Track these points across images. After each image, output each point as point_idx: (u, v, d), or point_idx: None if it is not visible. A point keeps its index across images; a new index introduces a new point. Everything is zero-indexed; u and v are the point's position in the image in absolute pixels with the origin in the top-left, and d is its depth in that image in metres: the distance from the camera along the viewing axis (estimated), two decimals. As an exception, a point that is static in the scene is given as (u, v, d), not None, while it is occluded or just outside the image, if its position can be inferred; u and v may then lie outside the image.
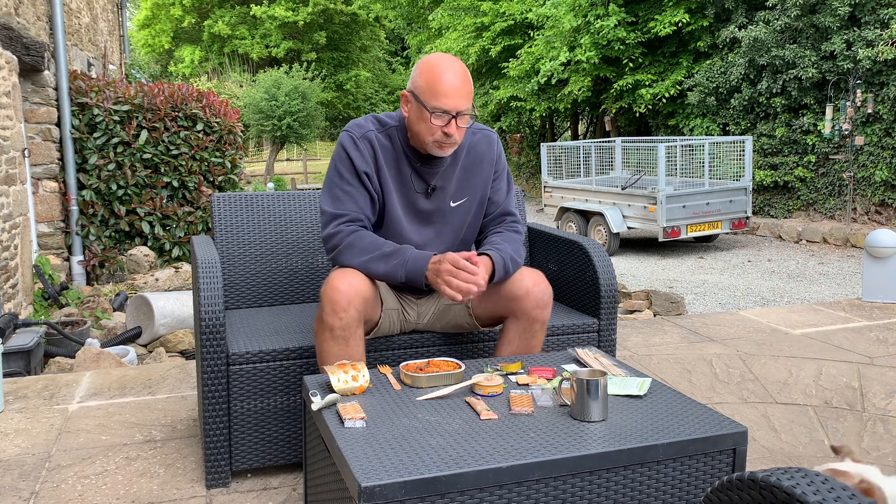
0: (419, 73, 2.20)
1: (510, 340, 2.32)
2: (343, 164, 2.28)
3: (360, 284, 2.15)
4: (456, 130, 2.19)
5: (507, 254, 2.29)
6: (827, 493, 0.90)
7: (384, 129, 2.32)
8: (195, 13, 29.92)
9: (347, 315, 2.11)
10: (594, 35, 13.37)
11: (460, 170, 2.37)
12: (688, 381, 3.33)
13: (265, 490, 2.35)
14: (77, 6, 9.11)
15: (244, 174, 8.56)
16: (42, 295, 6.21)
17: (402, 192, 2.32)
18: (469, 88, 2.20)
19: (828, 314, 4.43)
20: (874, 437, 2.79)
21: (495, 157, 2.44)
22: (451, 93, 2.15)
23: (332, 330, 2.11)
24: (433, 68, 2.18)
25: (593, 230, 10.69)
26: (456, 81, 2.16)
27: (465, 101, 2.18)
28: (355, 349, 2.15)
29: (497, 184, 2.46)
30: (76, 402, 3.14)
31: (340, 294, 2.10)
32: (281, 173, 23.82)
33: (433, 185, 2.32)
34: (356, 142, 2.28)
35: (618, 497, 1.64)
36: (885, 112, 10.27)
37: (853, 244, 10.27)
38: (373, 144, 2.29)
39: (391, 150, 2.30)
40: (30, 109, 6.70)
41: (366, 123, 2.33)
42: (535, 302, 2.25)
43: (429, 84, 2.17)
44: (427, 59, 2.22)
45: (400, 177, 2.31)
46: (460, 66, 2.21)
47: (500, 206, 2.47)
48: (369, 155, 2.28)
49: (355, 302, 2.11)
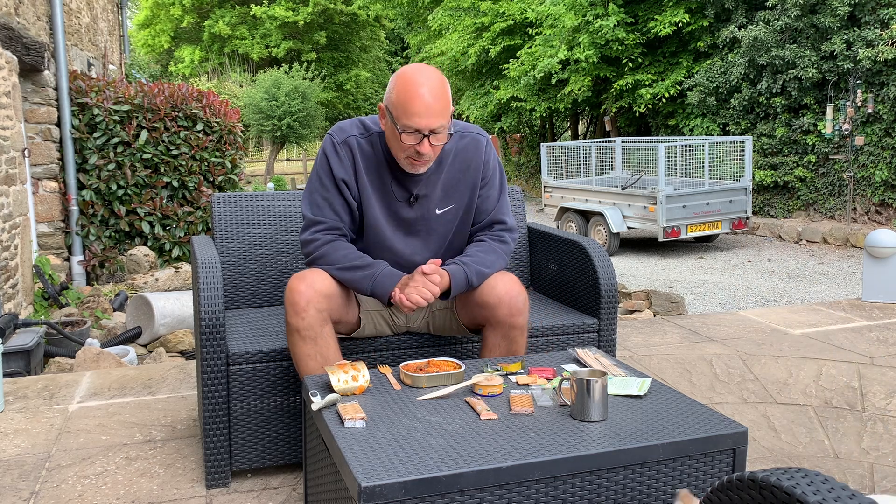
0: (393, 87, 2.13)
1: (490, 348, 2.31)
2: (322, 170, 2.26)
3: (321, 283, 2.15)
4: (429, 149, 2.12)
5: (473, 267, 2.24)
6: (827, 493, 0.90)
7: (367, 135, 2.27)
8: (195, 13, 29.93)
9: (308, 315, 2.11)
10: (593, 35, 13.37)
11: (446, 176, 2.30)
12: (688, 381, 3.33)
13: (265, 490, 2.35)
14: (77, 6, 9.11)
15: (244, 174, 8.56)
16: (42, 295, 6.21)
17: (383, 201, 2.27)
18: (444, 104, 2.10)
19: (828, 314, 4.43)
20: (874, 437, 2.79)
21: (482, 163, 2.34)
22: (424, 112, 2.07)
23: (298, 331, 2.13)
24: (406, 84, 2.09)
25: (593, 230, 10.69)
26: (429, 98, 2.07)
27: (439, 119, 2.09)
28: (325, 347, 2.15)
29: (485, 191, 2.36)
30: (76, 402, 3.14)
31: (299, 294, 2.12)
32: (281, 173, 23.81)
33: (416, 193, 2.27)
34: (336, 147, 2.25)
35: (618, 497, 1.64)
36: (885, 112, 10.27)
37: (853, 244, 10.27)
38: (353, 150, 2.25)
39: (372, 156, 2.25)
40: (30, 109, 6.70)
41: (349, 128, 2.28)
42: (508, 309, 2.23)
43: (401, 101, 2.09)
44: (403, 72, 2.14)
45: (381, 184, 2.26)
46: (437, 80, 2.12)
47: (488, 215, 2.38)
48: (349, 161, 2.24)
49: (314, 300, 2.12)
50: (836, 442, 2.77)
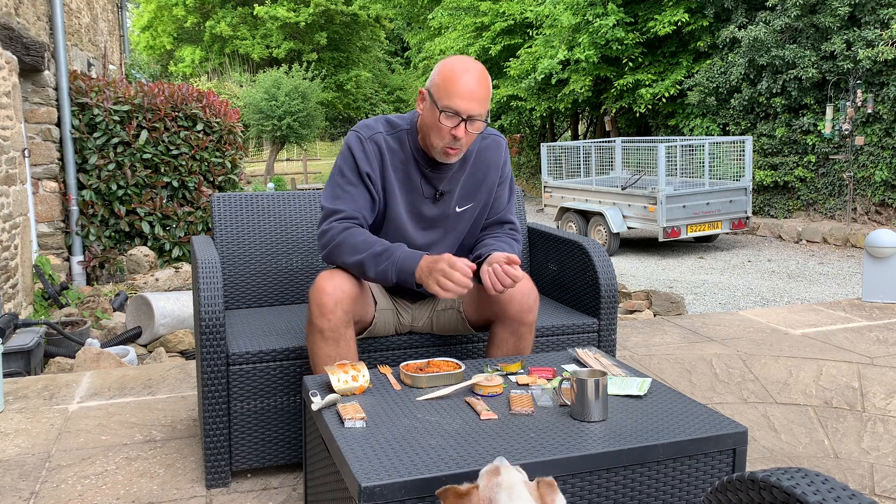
0: (438, 70, 2.16)
1: (498, 344, 2.31)
2: (347, 164, 2.25)
3: (347, 285, 2.14)
4: (465, 134, 2.13)
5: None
6: (827, 493, 0.90)
7: (394, 132, 2.27)
8: (197, 14, 29.94)
9: (335, 316, 2.10)
10: (593, 34, 13.37)
11: (468, 175, 2.33)
12: (688, 381, 3.33)
13: (265, 490, 2.35)
14: (77, 6, 9.11)
15: (244, 174, 8.56)
16: (42, 295, 6.21)
17: (408, 197, 2.28)
18: (486, 94, 2.14)
19: (828, 314, 4.43)
20: (874, 437, 2.79)
21: (502, 164, 2.39)
22: (466, 95, 2.09)
23: (322, 332, 2.12)
24: (453, 67, 2.13)
25: (593, 230, 10.69)
26: (472, 83, 2.10)
27: (479, 106, 2.12)
28: (346, 349, 2.15)
29: (499, 190, 2.41)
30: (76, 402, 3.14)
31: (327, 296, 2.10)
32: (281, 173, 23.82)
33: (441, 189, 2.29)
34: (363, 143, 2.24)
35: (618, 497, 1.64)
36: (885, 112, 10.27)
37: (853, 244, 10.27)
38: (380, 147, 2.24)
39: (400, 153, 2.26)
40: (30, 109, 6.70)
41: (375, 125, 2.28)
42: (520, 306, 2.24)
43: (444, 83, 2.11)
44: (449, 58, 2.19)
45: (408, 181, 2.27)
46: (482, 70, 2.15)
47: (498, 214, 2.42)
48: (375, 157, 2.24)
49: (342, 303, 2.11)
50: (836, 442, 2.77)
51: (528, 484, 1.33)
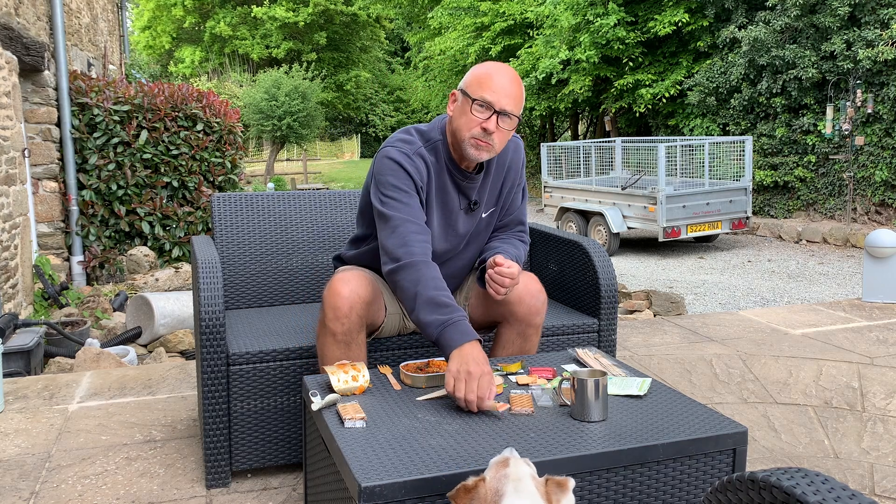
0: (472, 71, 2.17)
1: (504, 345, 2.32)
2: (397, 177, 2.13)
3: (363, 289, 2.13)
4: (496, 129, 2.10)
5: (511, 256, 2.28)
6: (827, 493, 0.90)
7: (430, 144, 2.23)
8: (196, 14, 29.95)
9: (349, 321, 2.09)
10: (593, 34, 13.37)
11: (492, 180, 2.32)
12: (688, 381, 3.33)
13: (265, 490, 2.35)
14: (77, 6, 9.11)
15: (244, 174, 8.56)
16: (42, 295, 6.21)
17: (443, 208, 2.25)
18: (519, 93, 2.13)
19: (828, 314, 4.43)
20: (874, 437, 2.79)
21: (520, 165, 2.40)
22: (500, 89, 2.09)
23: (335, 335, 2.10)
24: (488, 67, 2.14)
25: (593, 230, 10.69)
26: (507, 81, 2.11)
27: (511, 103, 2.10)
28: (357, 352, 2.15)
29: (515, 191, 2.41)
30: (76, 402, 3.14)
31: (343, 300, 2.08)
32: (281, 173, 23.83)
33: (474, 199, 2.28)
34: (411, 157, 2.17)
35: (618, 497, 1.64)
36: (885, 112, 10.27)
37: (853, 244, 10.27)
38: (426, 161, 2.20)
39: (436, 164, 2.23)
40: (30, 109, 6.70)
41: (413, 139, 2.22)
42: (528, 307, 2.24)
43: (479, 78, 2.12)
44: (485, 62, 2.20)
45: (444, 192, 2.24)
46: (516, 75, 2.17)
47: (512, 215, 2.42)
48: (423, 171, 2.19)
49: (357, 307, 2.10)
50: (836, 442, 2.77)
51: (537, 479, 1.32)
